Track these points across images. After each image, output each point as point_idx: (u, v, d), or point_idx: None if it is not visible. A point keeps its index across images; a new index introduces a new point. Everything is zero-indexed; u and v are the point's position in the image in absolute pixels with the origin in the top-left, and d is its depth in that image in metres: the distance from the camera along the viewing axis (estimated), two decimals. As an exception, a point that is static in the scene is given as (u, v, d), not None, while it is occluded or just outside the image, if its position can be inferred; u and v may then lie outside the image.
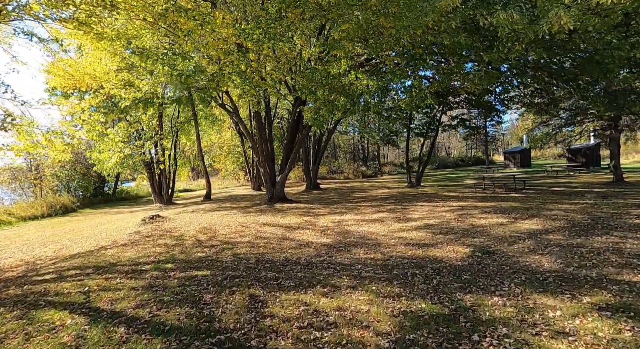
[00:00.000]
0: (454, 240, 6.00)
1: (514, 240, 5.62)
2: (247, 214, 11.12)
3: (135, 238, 8.33)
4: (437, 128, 18.25)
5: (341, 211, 10.48)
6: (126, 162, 16.94)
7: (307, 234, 7.32)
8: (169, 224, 10.03)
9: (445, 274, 4.27)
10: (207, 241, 7.23)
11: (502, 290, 3.65)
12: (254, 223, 9.07)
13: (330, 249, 5.91)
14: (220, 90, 6.36)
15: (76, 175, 24.93)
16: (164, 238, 7.93)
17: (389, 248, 5.73)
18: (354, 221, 8.56)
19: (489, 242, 5.65)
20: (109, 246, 7.59)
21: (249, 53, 6.30)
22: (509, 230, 6.42)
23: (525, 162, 30.66)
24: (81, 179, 25.43)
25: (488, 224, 7.08)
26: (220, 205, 14.79)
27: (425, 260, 4.91)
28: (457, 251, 5.25)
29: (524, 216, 7.60)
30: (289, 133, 13.87)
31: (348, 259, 5.22)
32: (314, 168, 20.52)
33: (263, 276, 4.54)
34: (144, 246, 7.21)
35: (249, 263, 5.25)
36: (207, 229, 8.68)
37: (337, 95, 7.77)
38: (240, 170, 33.44)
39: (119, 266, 5.55)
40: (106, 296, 4.09)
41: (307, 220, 9.12)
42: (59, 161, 24.27)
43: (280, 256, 5.54)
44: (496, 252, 5.05)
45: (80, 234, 10.04)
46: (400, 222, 8.05)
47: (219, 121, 27.90)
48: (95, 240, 8.64)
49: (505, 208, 8.75)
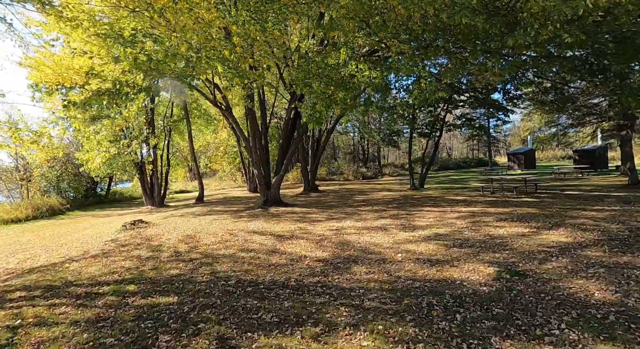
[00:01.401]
0: (472, 255, 5.11)
1: (544, 257, 4.73)
2: (238, 219, 10.23)
3: (109, 247, 7.44)
4: (442, 128, 17.35)
5: (340, 216, 9.58)
6: (114, 162, 16.06)
7: (301, 245, 6.43)
8: (151, 230, 9.14)
9: (469, 305, 3.38)
10: (186, 253, 6.33)
11: (551, 334, 2.76)
12: (243, 231, 8.17)
13: (326, 266, 5.02)
14: (198, 78, 5.51)
15: (66, 175, 24.01)
16: (140, 248, 7.04)
17: (396, 265, 4.83)
18: (354, 229, 7.67)
19: (515, 259, 4.76)
20: (77, 257, 6.70)
21: (233, 37, 5.44)
22: (534, 242, 5.52)
23: (530, 164, 29.71)
24: (72, 180, 24.55)
25: (507, 235, 6.18)
26: (211, 209, 13.90)
27: (442, 284, 4.02)
28: (479, 272, 4.35)
29: (547, 225, 6.71)
30: (285, 132, 12.98)
31: (347, 280, 4.33)
32: (312, 170, 19.64)
33: (241, 306, 3.64)
34: (114, 258, 6.32)
35: (227, 285, 4.36)
36: (191, 237, 7.78)
37: (336, 89, 6.90)
38: (237, 171, 32.54)
39: (74, 286, 4.65)
40: (36, 336, 3.19)
41: (302, 227, 8.23)
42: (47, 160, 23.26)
43: (266, 276, 4.64)
44: (527, 273, 4.15)
45: (57, 241, 9.16)
46: (406, 231, 7.16)
47: (215, 121, 27.03)
48: (67, 249, 7.77)
49: (522, 215, 7.86)
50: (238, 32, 5.38)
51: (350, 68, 6.67)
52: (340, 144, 44.34)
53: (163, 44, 5.02)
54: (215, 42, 5.43)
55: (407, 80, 16.91)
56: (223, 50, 5.37)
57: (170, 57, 4.76)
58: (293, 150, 13.07)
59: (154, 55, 4.93)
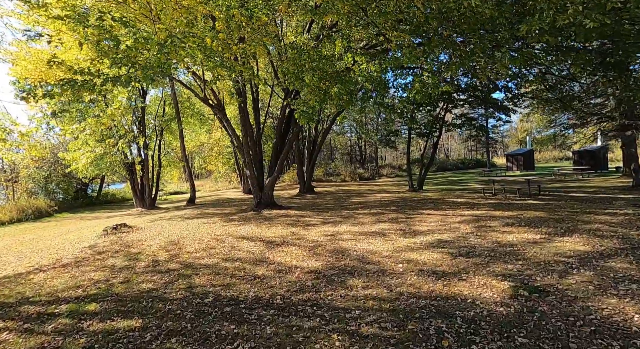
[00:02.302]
0: (481, 266, 4.57)
1: (564, 269, 4.20)
2: (228, 223, 9.65)
3: (84, 255, 6.83)
4: (441, 128, 16.85)
5: (336, 220, 9.03)
6: (101, 163, 15.40)
7: (292, 253, 5.86)
8: (133, 236, 8.54)
9: (487, 332, 2.84)
10: (165, 262, 5.74)
11: (593, 376, 2.22)
12: (231, 236, 7.60)
13: (318, 278, 4.46)
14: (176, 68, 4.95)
15: (55, 176, 23.25)
16: (116, 257, 6.44)
17: (397, 279, 4.28)
18: (351, 234, 7.12)
19: (530, 271, 4.22)
20: (46, 266, 6.09)
21: (216, 22, 4.89)
22: (549, 251, 5.00)
23: (529, 165, 29.34)
24: (61, 181, 23.81)
25: (517, 242, 5.66)
26: (202, 211, 13.30)
27: (451, 302, 3.47)
28: (492, 287, 3.81)
29: (559, 231, 6.19)
30: (279, 131, 12.41)
31: (342, 298, 3.77)
32: (308, 170, 19.07)
33: (215, 333, 3.07)
34: (85, 268, 5.72)
35: (203, 303, 3.78)
36: (174, 244, 7.19)
37: (331, 83, 6.34)
38: (232, 172, 31.89)
39: (29, 305, 4.06)
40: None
41: (295, 232, 7.67)
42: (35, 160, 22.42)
43: (249, 292, 4.07)
44: (548, 290, 3.61)
45: (34, 246, 8.55)
46: (406, 236, 6.62)
47: (210, 120, 26.40)
48: (41, 256, 7.16)
49: (530, 220, 7.35)
50: (221, 17, 4.82)
51: (346, 60, 6.13)
52: (337, 145, 43.85)
53: (134, 28, 4.43)
54: (196, 29, 4.86)
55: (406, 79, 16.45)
56: (205, 38, 4.80)
57: (141, 42, 4.18)
58: (287, 150, 12.50)
59: (123, 39, 4.34)
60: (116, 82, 4.47)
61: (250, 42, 5.27)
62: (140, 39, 4.16)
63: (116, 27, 4.44)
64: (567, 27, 4.65)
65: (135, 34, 4.19)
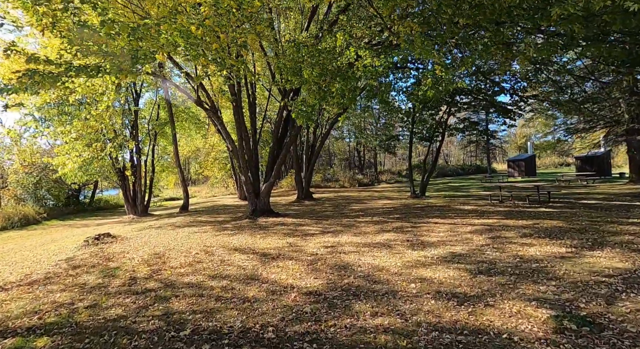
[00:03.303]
0: (508, 287, 3.92)
1: (610, 293, 3.55)
2: (221, 232, 8.97)
3: (57, 270, 6.13)
4: (444, 132, 16.31)
5: (336, 229, 8.37)
6: (91, 168, 14.72)
7: (288, 269, 5.19)
8: (116, 247, 7.83)
9: (538, 386, 2.18)
10: (144, 280, 5.05)
11: None
12: (223, 248, 6.92)
13: (318, 302, 3.79)
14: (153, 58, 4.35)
15: (45, 182, 22.46)
16: (91, 272, 5.74)
17: (411, 303, 3.62)
18: (353, 246, 6.47)
19: (569, 295, 3.57)
20: (11, 284, 5.40)
21: (202, 7, 4.32)
22: (583, 269, 4.36)
23: (531, 171, 28.86)
24: (51, 187, 23.01)
25: (542, 256, 5.02)
26: (195, 219, 12.60)
27: (482, 339, 2.81)
28: (528, 316, 3.16)
29: (586, 243, 5.56)
30: (276, 135, 11.80)
31: (347, 329, 3.11)
32: (306, 176, 18.44)
33: (186, 384, 2.40)
34: (52, 287, 5.02)
35: (177, 337, 3.10)
36: (158, 257, 6.50)
37: (331, 79, 5.76)
38: (229, 178, 31.21)
39: (-31, 337, 3.37)
40: None
41: (292, 243, 7.01)
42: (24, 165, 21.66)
43: (235, 322, 3.39)
44: (600, 322, 2.97)
45: (10, 258, 7.87)
46: (414, 249, 5.97)
47: (206, 125, 25.80)
48: (11, 270, 6.47)
49: (548, 230, 6.72)
50: (208, 1, 4.24)
51: (348, 54, 5.55)
52: (336, 150, 43.33)
53: (104, 10, 3.83)
54: (180, 16, 4.28)
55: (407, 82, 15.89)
56: (189, 25, 4.22)
57: (108, 25, 3.56)
58: (285, 154, 11.88)
59: (89, 24, 3.74)
60: (80, 72, 3.86)
61: (241, 31, 4.69)
62: (108, 21, 3.55)
63: (84, 9, 3.85)
64: (602, 13, 4.08)
65: (100, 14, 3.60)
